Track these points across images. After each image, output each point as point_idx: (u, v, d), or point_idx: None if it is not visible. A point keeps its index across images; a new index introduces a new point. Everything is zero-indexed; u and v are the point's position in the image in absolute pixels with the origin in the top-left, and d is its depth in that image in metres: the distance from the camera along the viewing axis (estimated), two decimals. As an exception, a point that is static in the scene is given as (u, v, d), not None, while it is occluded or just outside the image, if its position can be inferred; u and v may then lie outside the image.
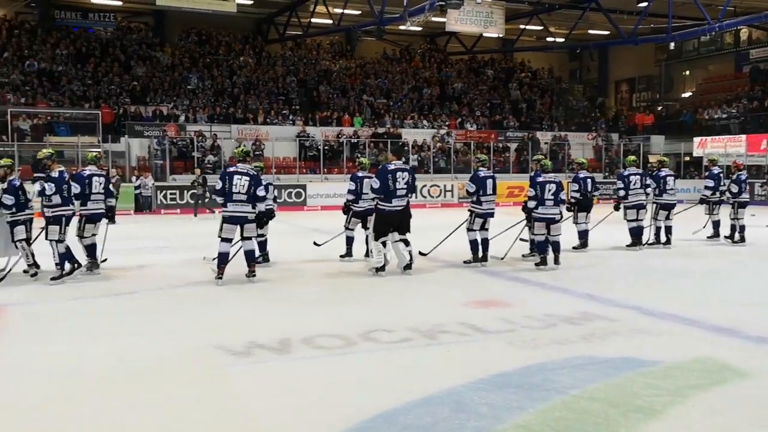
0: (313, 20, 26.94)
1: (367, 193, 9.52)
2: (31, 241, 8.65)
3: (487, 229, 9.70)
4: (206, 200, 18.73)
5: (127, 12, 27.87)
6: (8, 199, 8.34)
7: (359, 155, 21.46)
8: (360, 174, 10.02)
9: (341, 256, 10.18)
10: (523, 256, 10.32)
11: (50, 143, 19.98)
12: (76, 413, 4.07)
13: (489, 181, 9.64)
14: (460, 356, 5.22)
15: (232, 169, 8.47)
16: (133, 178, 21.21)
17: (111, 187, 9.46)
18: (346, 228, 10.24)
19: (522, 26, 29.13)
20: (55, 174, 8.40)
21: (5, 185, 8.48)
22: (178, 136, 22.99)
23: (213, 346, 5.39)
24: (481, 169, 9.78)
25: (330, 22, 26.45)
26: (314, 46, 30.85)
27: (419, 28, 26.38)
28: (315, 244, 10.63)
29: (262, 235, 9.70)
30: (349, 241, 10.22)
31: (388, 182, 8.71)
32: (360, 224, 10.00)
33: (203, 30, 28.48)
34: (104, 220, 9.31)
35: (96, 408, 4.15)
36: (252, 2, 26.16)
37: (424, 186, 23.61)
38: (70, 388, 4.50)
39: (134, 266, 9.58)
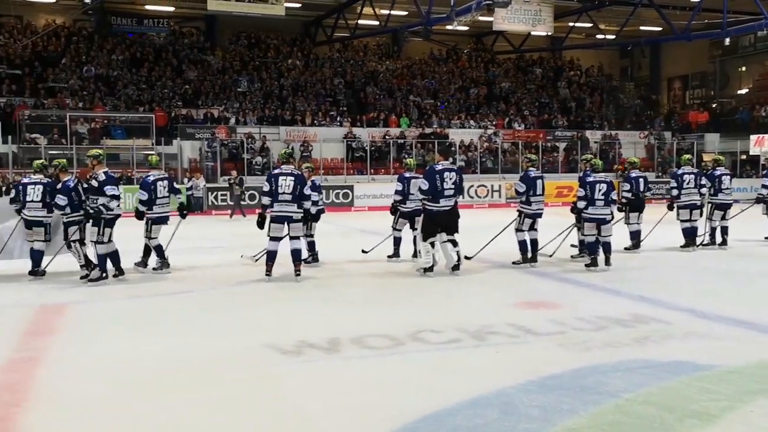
0: (360, 22, 27.08)
1: (414, 194, 9.55)
2: (84, 242, 8.91)
3: (536, 230, 9.63)
4: (243, 201, 19.04)
5: (180, 17, 28.50)
6: (61, 200, 8.59)
7: (406, 156, 21.50)
8: (407, 174, 10.05)
9: (389, 257, 10.21)
10: (572, 257, 10.20)
11: (106, 146, 20.63)
12: (133, 410, 4.19)
13: (539, 182, 9.61)
14: (509, 357, 5.19)
15: (277, 171, 8.73)
16: (185, 180, 21.67)
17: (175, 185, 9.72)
18: (394, 229, 10.28)
19: (571, 24, 28.71)
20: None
21: (59, 186, 8.78)
22: (229, 138, 23.40)
23: (264, 345, 5.47)
24: (531, 169, 9.73)
25: (377, 23, 26.55)
26: (361, 47, 31.01)
27: (466, 28, 26.20)
28: (363, 251, 10.62)
29: (311, 235, 9.82)
30: (397, 241, 10.25)
31: (436, 182, 8.72)
32: (408, 225, 10.03)
33: (252, 33, 28.92)
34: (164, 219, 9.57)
35: (153, 405, 4.27)
36: (300, 5, 26.45)
37: (471, 186, 23.48)
38: (128, 386, 4.63)
39: (188, 266, 9.79)
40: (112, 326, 6.43)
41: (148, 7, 27.14)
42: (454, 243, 8.96)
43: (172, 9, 27.68)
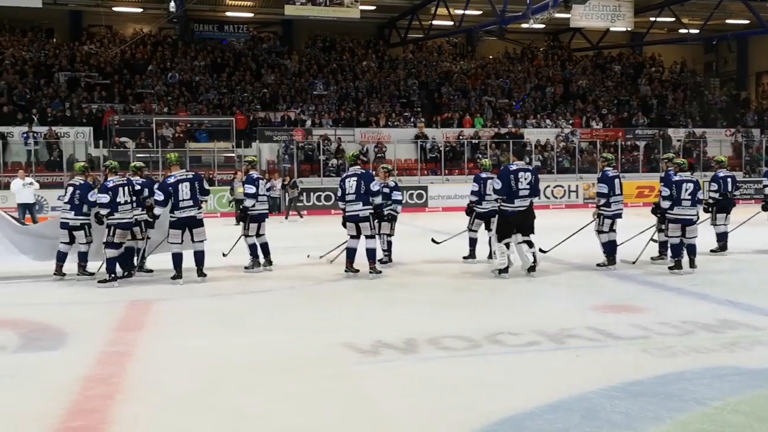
0: (434, 22, 27.05)
1: (490, 195, 9.48)
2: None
3: (614, 231, 9.40)
4: (299, 203, 19.31)
5: (258, 23, 29.24)
6: (103, 198, 8.82)
7: (480, 156, 21.33)
8: (483, 175, 9.99)
9: (464, 258, 10.18)
10: (652, 259, 9.87)
11: (190, 149, 21.40)
12: (220, 403, 4.34)
13: (617, 181, 9.42)
14: (590, 362, 5.09)
15: (345, 174, 9.17)
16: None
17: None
18: (470, 229, 10.24)
19: (652, 18, 27.78)
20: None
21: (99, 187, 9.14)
22: (305, 140, 23.82)
23: (341, 344, 5.56)
24: (607, 168, 9.53)
25: (451, 23, 26.46)
26: (435, 48, 30.96)
27: (542, 26, 25.85)
28: (433, 241, 10.71)
29: (390, 235, 9.92)
30: (473, 242, 10.20)
31: (510, 183, 8.65)
32: (483, 225, 9.97)
33: (328, 37, 29.36)
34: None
35: (238, 399, 4.41)
36: (374, 8, 26.65)
37: (548, 186, 23.07)
38: (214, 380, 4.80)
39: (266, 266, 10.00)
40: (197, 323, 6.68)
41: (228, 13, 28.01)
42: (530, 244, 8.84)
43: (250, 15, 28.45)
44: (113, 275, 8.56)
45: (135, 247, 9.27)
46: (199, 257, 8.80)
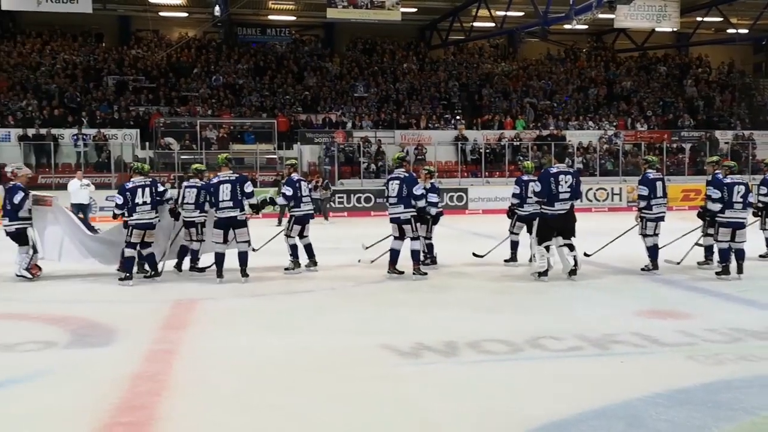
0: (476, 24, 26.93)
1: (531, 197, 9.42)
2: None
3: (657, 234, 9.28)
4: (330, 204, 19.41)
5: (300, 26, 29.53)
6: (117, 199, 9.06)
7: (521, 158, 21.16)
8: (524, 177, 9.94)
9: (506, 261, 10.11)
10: (698, 264, 9.66)
11: (233, 150, 21.72)
12: (263, 402, 4.41)
13: (659, 183, 9.31)
14: (635, 368, 5.01)
15: (389, 176, 9.30)
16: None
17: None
18: (511, 232, 10.18)
19: (699, 18, 27.16)
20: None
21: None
22: (346, 142, 23.96)
23: (382, 346, 5.58)
24: (649, 171, 9.43)
25: (492, 25, 26.31)
26: (476, 49, 30.82)
27: (585, 27, 25.56)
28: (475, 255, 10.52)
29: (429, 238, 9.92)
30: (514, 245, 10.14)
31: (550, 185, 8.62)
32: (525, 228, 9.89)
33: (369, 39, 29.47)
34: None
35: (280, 397, 4.47)
36: (415, 10, 26.66)
37: (590, 189, 22.75)
38: (257, 378, 4.88)
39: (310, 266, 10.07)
40: (240, 322, 6.78)
41: (271, 17, 28.34)
42: (571, 247, 8.76)
43: (293, 18, 28.74)
44: (128, 274, 8.77)
45: (189, 247, 9.52)
46: (242, 257, 8.93)
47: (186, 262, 9.69)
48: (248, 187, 9.06)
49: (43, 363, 5.31)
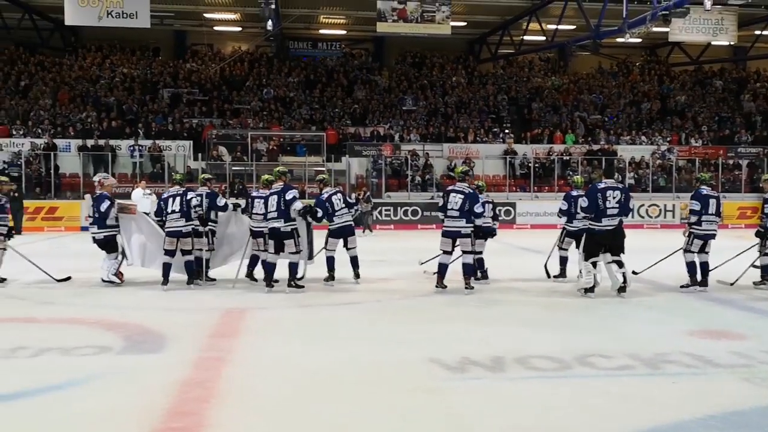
0: (526, 38, 26.78)
1: (580, 213, 9.32)
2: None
3: (707, 252, 9.11)
4: (372, 217, 19.42)
5: (350, 40, 29.85)
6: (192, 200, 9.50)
7: (570, 173, 20.90)
8: (574, 193, 9.84)
9: (555, 276, 10.00)
10: (754, 284, 9.37)
11: (282, 163, 22.02)
12: (310, 411, 4.45)
13: (711, 200, 9.13)
14: (688, 389, 4.89)
15: (450, 188, 9.15)
16: (352, 195, 22.56)
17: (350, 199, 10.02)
18: (560, 248, 10.08)
19: (757, 32, 26.46)
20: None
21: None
22: (393, 155, 24.06)
23: (428, 359, 5.57)
24: (702, 187, 9.28)
25: (543, 38, 26.12)
26: (526, 63, 30.64)
27: (638, 40, 25.10)
28: (547, 274, 10.42)
29: (479, 252, 9.87)
30: (563, 261, 10.04)
31: (597, 201, 8.54)
32: (574, 244, 9.77)
33: (418, 53, 29.60)
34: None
35: (327, 408, 4.50)
36: (465, 23, 26.68)
37: (642, 205, 22.31)
38: (304, 388, 4.92)
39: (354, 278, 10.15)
40: (288, 332, 6.85)
41: (322, 31, 28.76)
42: (620, 264, 8.61)
43: (343, 32, 29.10)
44: (165, 279, 9.20)
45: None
46: (292, 268, 9.06)
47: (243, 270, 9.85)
48: (287, 196, 9.07)
49: (98, 367, 5.47)
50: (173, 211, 9.29)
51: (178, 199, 9.37)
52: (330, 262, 9.73)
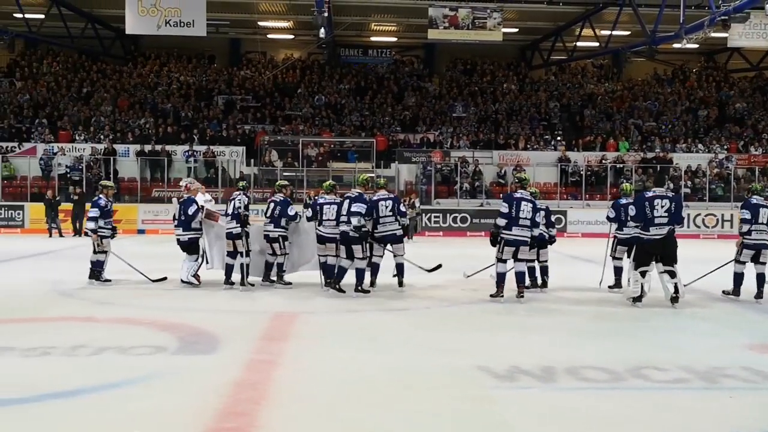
0: (579, 44, 26.45)
1: (629, 220, 9.19)
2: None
3: (763, 263, 8.91)
4: (418, 224, 19.38)
5: (401, 47, 29.99)
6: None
7: (624, 181, 20.51)
8: (623, 201, 9.76)
9: (609, 287, 9.82)
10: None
11: (332, 168, 22.29)
12: (358, 415, 4.49)
13: (762, 210, 8.94)
14: (746, 404, 4.75)
15: (518, 195, 8.93)
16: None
17: (403, 208, 9.92)
18: (613, 257, 9.92)
19: (823, 36, 25.51)
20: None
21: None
22: (443, 162, 24.02)
23: (476, 367, 5.55)
24: (754, 197, 9.15)
25: (596, 44, 25.73)
26: (579, 69, 30.22)
27: (696, 46, 24.55)
28: (603, 286, 10.15)
29: (544, 260, 9.77)
30: (617, 271, 9.87)
31: (645, 210, 8.41)
32: (626, 253, 9.60)
33: (469, 59, 29.52)
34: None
35: (376, 412, 4.54)
36: (517, 30, 26.48)
37: (699, 215, 21.76)
38: (352, 392, 4.97)
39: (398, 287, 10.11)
40: (337, 336, 6.91)
41: (373, 38, 28.97)
42: (672, 274, 8.42)
43: (394, 39, 29.26)
44: (229, 281, 9.62)
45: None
46: (359, 273, 9.21)
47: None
48: (354, 207, 9.12)
49: (153, 366, 5.61)
50: (226, 214, 9.73)
51: (232, 203, 9.72)
52: (374, 268, 9.74)
